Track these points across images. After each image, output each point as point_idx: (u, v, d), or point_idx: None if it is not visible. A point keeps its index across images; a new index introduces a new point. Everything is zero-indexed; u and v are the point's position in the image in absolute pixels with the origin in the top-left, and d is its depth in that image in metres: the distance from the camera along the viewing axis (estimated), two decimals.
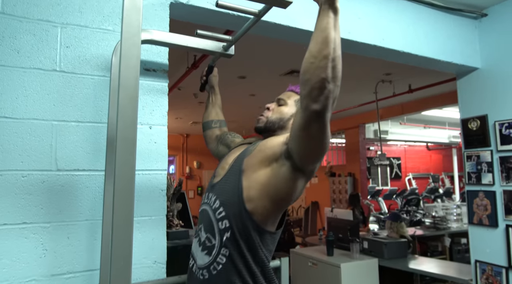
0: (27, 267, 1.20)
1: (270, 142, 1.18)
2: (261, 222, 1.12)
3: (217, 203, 1.17)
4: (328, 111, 0.98)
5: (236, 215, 1.12)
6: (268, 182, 1.12)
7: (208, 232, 1.17)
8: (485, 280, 2.40)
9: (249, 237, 1.11)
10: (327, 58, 0.94)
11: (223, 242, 1.12)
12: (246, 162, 1.18)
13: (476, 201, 2.49)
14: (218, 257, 1.12)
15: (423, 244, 5.22)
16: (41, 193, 1.23)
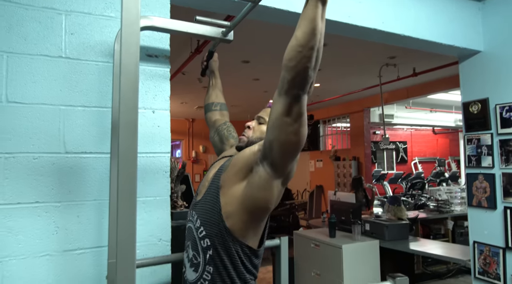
0: (41, 243, 1.27)
1: (242, 154, 1.20)
2: (242, 237, 1.15)
3: (198, 222, 1.20)
4: (306, 95, 1.03)
5: (217, 234, 1.15)
6: (244, 194, 1.13)
7: (193, 250, 1.21)
8: (483, 261, 2.46)
9: (231, 254, 1.15)
10: (313, 49, 0.97)
11: (207, 259, 1.16)
12: (223, 178, 1.20)
13: (475, 184, 2.52)
14: (204, 273, 1.17)
15: (426, 227, 5.29)
16: (52, 174, 1.30)
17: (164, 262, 1.42)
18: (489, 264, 2.40)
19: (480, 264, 2.47)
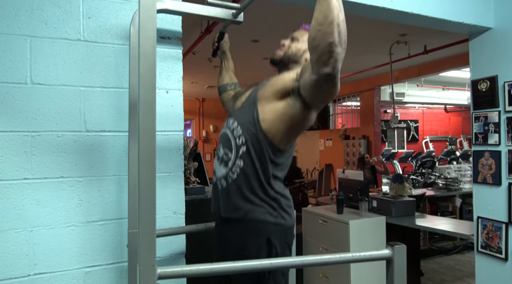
0: (67, 215, 1.38)
1: (281, 77, 1.33)
2: (274, 140, 1.28)
3: (235, 124, 1.34)
4: (338, 72, 1.10)
5: (251, 133, 1.28)
6: (283, 112, 1.26)
7: (226, 148, 1.34)
8: (486, 235, 2.52)
9: (261, 152, 1.28)
10: (332, 24, 1.02)
11: (239, 155, 1.29)
12: (260, 93, 1.34)
13: (481, 161, 2.56)
14: (233, 168, 1.30)
15: (434, 204, 5.35)
16: (74, 152, 1.39)
17: (179, 233, 1.52)
18: (492, 238, 2.47)
19: (483, 238, 2.54)
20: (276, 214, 1.28)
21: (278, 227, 1.28)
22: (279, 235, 1.27)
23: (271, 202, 1.28)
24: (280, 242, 1.27)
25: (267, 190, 1.28)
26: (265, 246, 1.24)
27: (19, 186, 1.32)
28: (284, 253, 1.29)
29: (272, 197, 1.29)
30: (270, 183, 1.29)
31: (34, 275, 1.34)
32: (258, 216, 1.26)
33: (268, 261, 1.01)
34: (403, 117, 12.72)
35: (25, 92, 1.32)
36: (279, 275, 1.28)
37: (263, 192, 1.27)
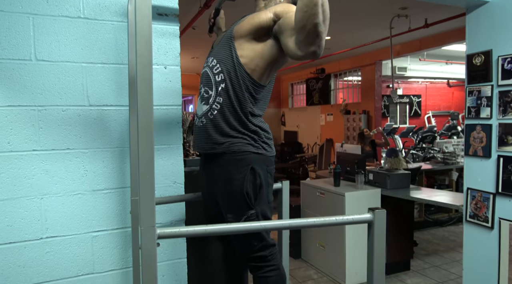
0: (73, 184, 1.49)
1: (258, 15, 1.37)
2: (253, 74, 1.35)
3: (214, 61, 1.40)
4: (322, 49, 1.17)
5: (230, 69, 1.35)
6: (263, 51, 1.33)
7: (206, 86, 1.41)
8: (474, 205, 2.63)
9: (240, 88, 1.34)
10: (316, 5, 1.09)
11: (218, 92, 1.36)
12: (235, 29, 1.39)
13: (473, 134, 2.63)
14: (214, 104, 1.37)
15: (431, 178, 5.46)
16: (79, 125, 1.48)
17: (179, 201, 1.63)
18: (480, 208, 2.58)
19: (471, 208, 2.65)
20: (257, 145, 1.37)
21: (261, 156, 1.37)
22: (261, 164, 1.37)
23: (252, 134, 1.37)
24: (263, 170, 1.37)
25: (247, 124, 1.36)
26: (250, 175, 1.34)
27: (28, 157, 1.41)
28: (267, 180, 1.39)
29: (252, 130, 1.37)
30: (249, 118, 1.37)
31: (46, 238, 1.46)
32: (241, 148, 1.34)
33: (258, 224, 1.11)
34: (406, 92, 12.66)
35: (30, 68, 1.39)
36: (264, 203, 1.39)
37: (242, 126, 1.36)
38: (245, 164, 1.35)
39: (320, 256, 3.78)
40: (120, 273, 1.58)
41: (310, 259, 3.98)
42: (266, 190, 1.40)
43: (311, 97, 8.75)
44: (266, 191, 1.40)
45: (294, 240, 4.15)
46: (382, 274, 1.22)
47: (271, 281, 1.42)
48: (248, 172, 1.35)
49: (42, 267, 1.46)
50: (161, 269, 1.66)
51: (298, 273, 3.75)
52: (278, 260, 1.46)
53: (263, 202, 1.39)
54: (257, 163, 1.37)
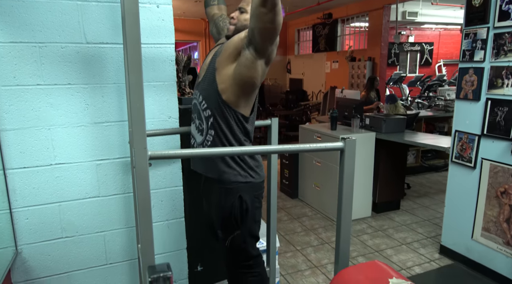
0: (76, 116, 1.63)
1: (231, 40, 1.48)
2: (235, 107, 1.48)
3: (200, 97, 1.55)
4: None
5: (215, 105, 1.49)
6: (235, 73, 1.44)
7: (199, 119, 1.58)
8: (460, 147, 2.75)
9: (227, 120, 1.49)
10: None
11: (209, 125, 1.52)
12: (218, 61, 1.51)
13: (465, 78, 2.68)
14: (207, 136, 1.54)
15: (431, 124, 5.54)
16: (78, 61, 1.59)
17: (174, 133, 1.77)
18: (465, 150, 2.70)
19: (457, 150, 2.77)
20: (245, 174, 1.54)
21: (248, 184, 1.54)
22: (249, 191, 1.55)
23: (241, 163, 1.53)
24: (250, 197, 1.55)
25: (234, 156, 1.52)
26: (237, 202, 1.52)
27: (34, 91, 1.54)
28: (254, 205, 1.57)
29: (241, 159, 1.53)
30: None
31: (55, 164, 1.63)
32: (230, 178, 1.52)
33: (238, 149, 1.25)
34: (418, 39, 12.26)
35: (28, 5, 1.47)
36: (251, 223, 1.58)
37: (231, 158, 1.51)
38: (234, 193, 1.53)
39: (315, 195, 4.02)
40: (123, 197, 1.78)
41: (306, 199, 4.23)
42: (252, 213, 1.57)
43: (317, 43, 8.59)
44: (252, 213, 1.57)
45: (291, 182, 4.38)
46: (350, 196, 1.37)
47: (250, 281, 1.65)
48: (236, 200, 1.52)
49: (54, 189, 1.65)
50: (159, 195, 1.85)
51: (295, 211, 4.01)
52: (261, 268, 1.67)
53: (250, 222, 1.58)
54: (245, 191, 1.54)
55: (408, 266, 2.85)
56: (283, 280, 2.68)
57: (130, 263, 1.86)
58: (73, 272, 1.75)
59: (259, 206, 1.63)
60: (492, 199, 2.55)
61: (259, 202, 1.62)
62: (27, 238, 1.64)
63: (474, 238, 2.70)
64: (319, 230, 3.50)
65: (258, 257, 1.66)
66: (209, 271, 2.16)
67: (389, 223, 3.67)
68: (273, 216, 1.99)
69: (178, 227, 1.93)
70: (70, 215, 1.70)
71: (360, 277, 1.12)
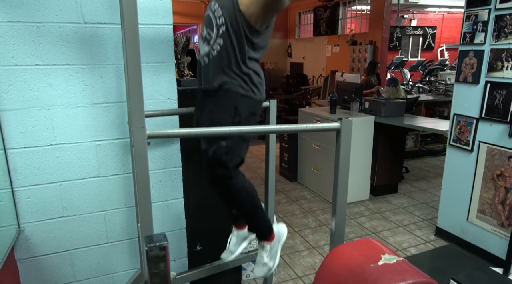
0: (75, 97, 1.64)
1: None
2: (250, 20, 1.44)
3: (216, 5, 1.50)
4: None
5: (230, 14, 1.44)
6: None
7: (208, 27, 1.52)
8: (458, 130, 2.76)
9: (239, 31, 1.45)
10: None
11: (219, 34, 1.47)
12: None
13: (465, 61, 2.67)
14: (214, 45, 1.49)
15: (430, 109, 5.54)
16: (76, 42, 1.59)
17: (172, 114, 1.79)
18: (463, 133, 2.72)
19: (455, 133, 2.79)
20: (247, 87, 1.49)
21: (247, 99, 1.50)
22: (246, 105, 1.50)
23: (244, 77, 1.48)
24: (246, 112, 1.50)
25: (241, 66, 1.47)
26: (232, 112, 1.47)
27: (32, 71, 1.55)
28: (248, 121, 1.51)
29: (245, 73, 1.49)
30: (245, 61, 1.48)
31: (55, 145, 1.65)
32: (231, 88, 1.47)
33: (236, 128, 1.26)
34: (421, 23, 12.10)
35: None
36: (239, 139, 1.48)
37: (237, 68, 1.47)
38: (231, 102, 1.48)
39: (314, 179, 4.05)
40: (122, 177, 1.80)
41: (305, 182, 4.27)
42: None
43: (318, 27, 8.49)
44: None
45: (291, 165, 4.41)
46: (346, 176, 1.39)
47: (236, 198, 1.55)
48: (231, 110, 1.48)
49: (54, 169, 1.67)
50: (159, 175, 1.87)
51: (293, 194, 4.06)
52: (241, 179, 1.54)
53: (238, 137, 1.49)
54: (242, 104, 1.50)
55: (403, 247, 2.90)
56: (281, 260, 2.74)
57: (131, 242, 1.91)
58: (75, 250, 1.79)
59: (254, 123, 1.56)
60: (488, 182, 2.58)
61: (253, 119, 1.56)
62: (29, 217, 1.67)
63: (469, 220, 2.74)
64: (317, 213, 3.55)
65: (238, 175, 1.53)
66: (208, 250, 2.20)
67: (387, 205, 3.71)
68: (271, 197, 2.02)
69: (177, 207, 1.96)
70: (70, 194, 1.73)
71: (354, 253, 1.16)
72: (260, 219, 1.66)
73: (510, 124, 2.38)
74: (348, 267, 1.11)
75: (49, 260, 1.76)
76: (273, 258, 1.67)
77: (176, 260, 2.05)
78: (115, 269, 1.91)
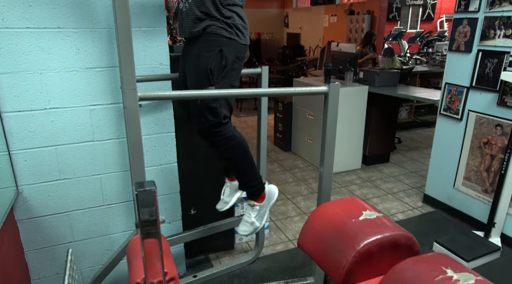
0: (68, 61, 1.65)
1: None
2: None
3: None
4: None
5: None
6: None
7: None
8: (449, 99, 2.80)
9: None
10: None
11: None
12: None
13: (459, 29, 2.67)
14: None
15: (425, 80, 5.54)
16: (66, 4, 1.57)
17: (165, 79, 1.80)
18: (453, 102, 2.76)
19: (446, 102, 2.82)
20: (231, 30, 1.49)
21: (232, 41, 1.49)
22: (231, 48, 1.49)
23: (226, 20, 1.48)
24: (231, 54, 1.49)
25: (221, 10, 1.47)
26: (217, 55, 1.47)
27: (23, 34, 1.55)
28: (233, 64, 1.51)
29: (227, 16, 1.48)
30: (225, 5, 1.47)
31: (50, 108, 1.68)
32: (214, 30, 1.47)
33: (226, 91, 1.29)
34: None
35: None
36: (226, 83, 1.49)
37: (218, 12, 1.46)
38: (215, 45, 1.47)
39: (308, 148, 4.12)
40: (117, 142, 1.84)
41: (298, 151, 4.34)
42: (230, 73, 1.51)
43: None
44: (230, 73, 1.51)
45: (285, 135, 4.46)
46: (333, 139, 1.44)
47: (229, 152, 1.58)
48: (216, 53, 1.47)
49: (50, 133, 1.70)
50: (152, 140, 1.92)
51: (287, 163, 4.13)
52: (232, 130, 1.56)
53: (225, 83, 1.50)
54: (227, 47, 1.49)
55: (392, 213, 3.01)
56: (273, 225, 2.84)
57: (127, 205, 1.97)
58: (73, 212, 1.86)
59: (238, 68, 1.57)
60: (475, 150, 2.64)
61: (239, 64, 1.57)
62: (27, 179, 1.72)
63: (455, 187, 2.83)
64: (309, 181, 3.64)
65: (227, 123, 1.55)
66: (202, 214, 2.29)
67: (378, 174, 3.80)
68: (262, 160, 2.07)
69: (171, 171, 2.02)
70: (66, 158, 1.77)
71: (337, 210, 1.22)
72: (251, 174, 1.67)
73: (499, 93, 2.42)
74: (331, 222, 1.17)
75: (48, 221, 1.83)
76: (261, 218, 1.72)
77: (171, 223, 2.13)
78: (112, 230, 1.98)
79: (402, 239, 1.10)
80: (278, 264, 2.37)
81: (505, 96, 2.38)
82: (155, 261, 0.68)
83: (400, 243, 1.10)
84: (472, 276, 0.87)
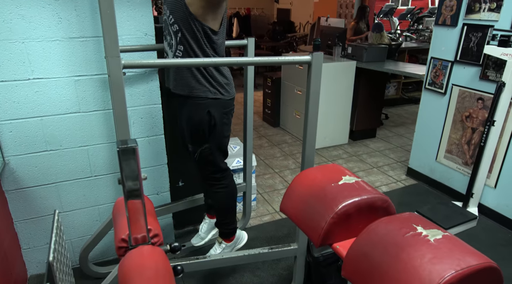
0: (50, 30, 1.62)
1: None
2: (203, 19, 1.47)
3: (168, 12, 1.53)
4: None
5: (182, 19, 1.47)
6: None
7: (168, 35, 1.58)
8: (434, 74, 2.84)
9: (195, 35, 1.49)
10: None
11: (178, 40, 1.52)
12: None
13: (445, 3, 2.67)
14: (177, 51, 1.56)
15: (414, 56, 5.57)
16: None
17: (150, 49, 1.79)
18: (438, 76, 2.80)
19: (431, 76, 2.86)
20: (214, 90, 1.58)
21: (217, 101, 1.59)
22: (217, 107, 1.60)
23: (210, 80, 1.56)
24: (219, 113, 1.61)
25: (204, 70, 1.54)
26: (206, 116, 1.59)
27: (3, 1, 1.51)
28: (222, 120, 1.64)
29: (210, 75, 1.56)
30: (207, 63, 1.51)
31: (33, 79, 1.66)
32: (200, 94, 1.57)
33: (213, 59, 1.30)
34: None
35: None
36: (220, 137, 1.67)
37: (200, 73, 1.54)
38: (203, 108, 1.58)
39: (296, 124, 4.15)
40: (103, 113, 1.85)
41: (287, 127, 4.38)
42: (220, 128, 1.65)
43: None
44: (220, 129, 1.65)
45: (274, 111, 4.48)
46: (316, 108, 1.47)
47: (219, 196, 1.80)
48: (205, 115, 1.58)
49: (34, 104, 1.70)
50: (139, 112, 1.92)
51: (275, 138, 4.17)
52: (229, 180, 1.79)
53: (218, 136, 1.66)
54: (213, 107, 1.59)
55: (376, 186, 3.09)
56: (260, 197, 2.90)
57: (115, 176, 2.00)
58: (60, 183, 1.88)
59: (228, 122, 1.71)
60: (457, 123, 2.71)
61: (228, 119, 1.70)
62: (13, 150, 1.73)
63: (437, 160, 2.92)
64: (297, 155, 3.69)
65: (226, 170, 1.79)
66: (189, 186, 2.33)
67: (364, 149, 3.87)
68: (249, 134, 2.10)
69: (158, 143, 2.04)
70: (52, 129, 1.77)
71: (318, 175, 1.27)
72: (229, 219, 1.87)
73: (481, 67, 2.46)
74: (311, 187, 1.22)
75: (36, 192, 1.84)
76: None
77: (159, 194, 2.17)
78: (100, 201, 2.01)
79: (378, 201, 1.15)
80: (265, 234, 2.44)
81: (487, 70, 2.43)
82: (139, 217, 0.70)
83: (377, 205, 1.16)
84: (440, 232, 0.93)
